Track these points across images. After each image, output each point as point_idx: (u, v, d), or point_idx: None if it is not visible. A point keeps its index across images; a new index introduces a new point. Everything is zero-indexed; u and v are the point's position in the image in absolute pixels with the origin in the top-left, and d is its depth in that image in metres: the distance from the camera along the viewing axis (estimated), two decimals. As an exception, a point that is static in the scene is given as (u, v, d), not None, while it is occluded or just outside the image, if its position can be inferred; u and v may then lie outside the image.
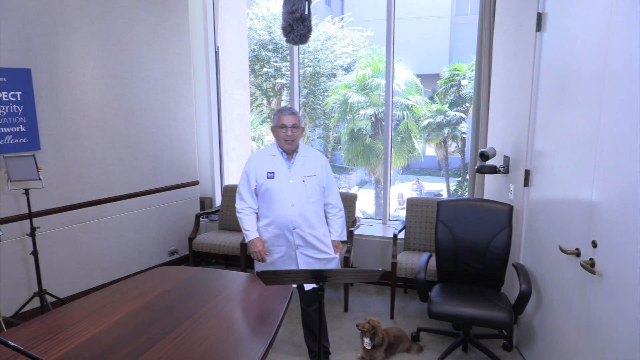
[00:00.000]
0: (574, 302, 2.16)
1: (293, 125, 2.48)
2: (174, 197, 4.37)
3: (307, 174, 2.53)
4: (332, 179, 2.64)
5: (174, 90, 4.27)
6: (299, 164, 2.54)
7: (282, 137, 2.49)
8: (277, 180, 2.50)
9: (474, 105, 3.69)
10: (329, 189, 2.61)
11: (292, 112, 2.50)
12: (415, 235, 3.78)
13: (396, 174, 14.17)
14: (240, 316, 1.88)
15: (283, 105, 2.79)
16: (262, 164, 2.53)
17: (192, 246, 4.14)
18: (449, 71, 12.34)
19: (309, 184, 2.52)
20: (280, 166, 2.52)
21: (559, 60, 2.40)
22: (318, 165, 2.58)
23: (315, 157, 2.60)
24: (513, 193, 2.99)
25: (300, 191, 2.50)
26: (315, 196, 2.55)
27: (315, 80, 12.46)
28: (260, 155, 2.58)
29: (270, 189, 2.50)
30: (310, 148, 2.63)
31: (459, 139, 12.98)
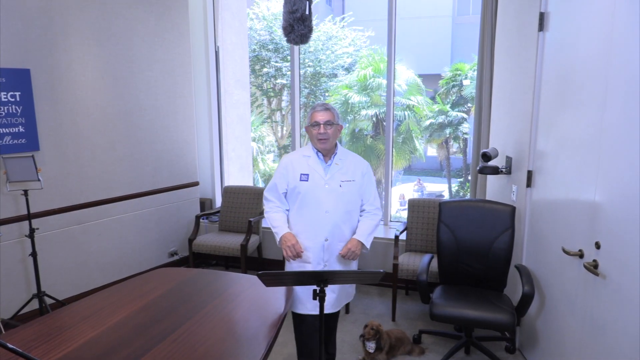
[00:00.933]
0: (577, 304, 2.16)
1: (326, 122, 2.24)
2: (174, 198, 4.37)
3: (345, 179, 2.29)
4: (374, 188, 2.38)
5: (174, 90, 4.28)
6: (337, 167, 2.30)
7: (315, 136, 2.26)
8: (312, 183, 2.26)
9: (475, 105, 3.68)
10: (368, 195, 2.36)
11: (326, 107, 2.27)
12: (417, 236, 3.77)
13: (397, 174, 14.17)
14: (240, 318, 1.88)
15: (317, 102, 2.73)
16: (296, 166, 2.31)
17: (192, 247, 4.14)
18: (451, 71, 12.34)
19: (347, 190, 2.28)
20: (316, 168, 2.29)
21: (561, 60, 2.39)
22: (358, 170, 2.33)
23: (355, 161, 2.36)
24: (515, 194, 2.99)
25: (336, 197, 2.26)
26: (352, 205, 2.30)
27: (316, 80, 12.47)
28: (295, 156, 2.36)
29: (302, 192, 2.26)
30: (350, 152, 2.40)
31: (460, 140, 12.97)
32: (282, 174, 2.33)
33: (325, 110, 2.26)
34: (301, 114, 4.89)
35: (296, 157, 2.35)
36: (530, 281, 2.62)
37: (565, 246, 2.22)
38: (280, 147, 12.99)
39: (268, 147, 12.77)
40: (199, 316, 1.87)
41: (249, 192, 4.41)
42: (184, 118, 4.40)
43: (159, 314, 1.89)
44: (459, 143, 13.23)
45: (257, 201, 4.37)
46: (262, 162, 12.09)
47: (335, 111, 2.28)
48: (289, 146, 12.36)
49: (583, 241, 2.08)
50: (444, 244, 2.99)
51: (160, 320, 1.84)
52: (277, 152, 13.33)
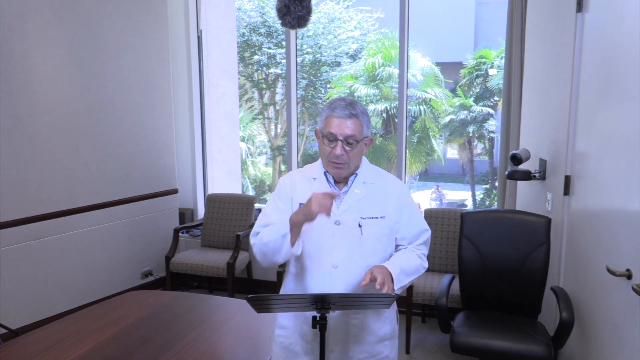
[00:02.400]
0: (624, 333, 2.15)
1: (348, 139, 1.75)
2: (149, 208, 4.38)
3: (369, 214, 1.82)
4: (420, 222, 1.94)
5: (150, 82, 4.29)
6: (357, 196, 1.84)
7: (326, 154, 1.79)
8: (314, 220, 1.73)
9: (503, 99, 3.70)
10: (409, 233, 1.90)
11: (352, 112, 1.76)
12: (435, 253, 3.77)
13: (412, 180, 14.17)
14: (227, 349, 1.88)
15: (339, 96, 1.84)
16: (298, 192, 1.86)
17: (170, 266, 4.14)
18: (474, 59, 12.38)
19: (371, 231, 1.81)
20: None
21: (604, 45, 2.40)
22: (391, 198, 1.87)
23: (387, 184, 1.90)
24: (551, 203, 2.99)
25: (351, 243, 1.80)
26: (379, 254, 1.82)
27: (316, 69, 12.51)
28: (297, 176, 1.92)
29: (302, 233, 1.76)
30: (379, 169, 1.95)
31: (486, 139, 12.99)
32: (277, 203, 1.88)
33: (350, 117, 1.75)
34: (298, 110, 4.91)
35: (298, 177, 1.90)
36: (569, 306, 2.61)
37: (611, 265, 2.22)
38: (274, 148, 13.02)
39: (260, 148, 12.79)
40: (178, 348, 1.87)
41: (237, 201, 4.41)
42: (161, 114, 4.41)
43: (131, 346, 1.89)
44: (484, 143, 13.24)
45: (247, 211, 4.37)
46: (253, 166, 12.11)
47: (365, 118, 1.80)
48: (284, 147, 12.38)
49: (631, 259, 2.08)
50: (467, 263, 2.99)
51: (134, 352, 1.84)
52: (271, 154, 13.35)
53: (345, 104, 1.77)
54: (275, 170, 12.99)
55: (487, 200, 12.78)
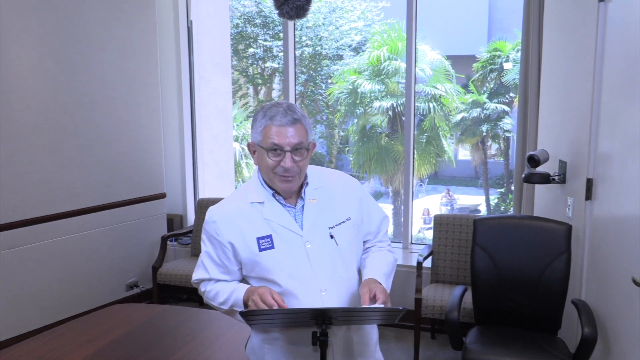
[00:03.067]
0: (652, 351, 2.14)
1: (296, 146, 1.70)
2: (134, 214, 4.37)
3: (336, 220, 1.80)
4: (378, 213, 1.96)
5: (135, 77, 4.30)
6: (315, 205, 1.80)
7: (271, 169, 1.72)
8: (281, 249, 1.74)
9: (519, 95, 3.70)
10: (372, 226, 1.93)
11: (294, 117, 1.70)
12: (446, 263, 3.77)
13: (420, 184, 14.17)
14: (219, 369, 1.87)
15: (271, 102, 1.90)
16: (243, 226, 1.76)
17: (157, 277, 4.13)
18: (488, 52, 12.39)
19: (344, 237, 1.80)
20: (280, 220, 1.76)
21: (629, 37, 2.40)
22: (349, 195, 1.87)
23: (337, 182, 1.88)
24: (571, 208, 2.98)
25: (330, 258, 1.77)
26: (356, 259, 1.86)
27: (316, 63, 12.53)
28: (233, 207, 1.80)
29: (272, 270, 1.73)
30: (321, 168, 1.93)
31: (501, 139, 12.99)
32: (217, 247, 1.77)
33: (294, 123, 1.69)
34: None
35: (235, 207, 1.79)
36: (591, 321, 2.61)
37: (637, 276, 2.21)
38: (271, 149, 13.01)
39: (255, 149, 12.77)
40: (165, 367, 1.86)
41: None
42: (147, 112, 4.41)
43: (114, 364, 1.88)
44: (499, 143, 13.23)
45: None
46: (247, 168, 12.10)
47: (307, 121, 1.75)
48: (281, 147, 12.39)
49: (659, 269, 2.08)
50: (481, 273, 2.98)
51: (116, 371, 1.83)
52: (267, 155, 13.34)
53: (283, 110, 1.69)
54: (272, 172, 12.98)
55: (502, 206, 12.77)
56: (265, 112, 1.70)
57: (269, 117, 1.69)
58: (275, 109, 1.69)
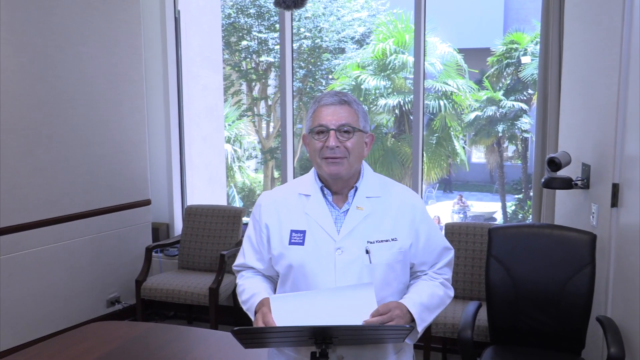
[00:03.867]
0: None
1: (342, 127, 1.76)
2: (116, 222, 4.37)
3: (378, 237, 1.80)
4: (437, 236, 1.93)
5: (118, 72, 4.30)
6: (360, 214, 1.81)
7: (317, 152, 1.78)
8: (310, 248, 1.78)
9: (539, 92, 3.70)
10: (428, 256, 1.90)
11: (342, 99, 1.80)
12: (458, 276, 3.76)
13: (430, 189, 14.18)
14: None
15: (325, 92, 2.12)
16: (284, 214, 1.85)
17: (141, 292, 4.12)
18: (504, 44, 12.42)
19: (381, 257, 1.79)
20: (319, 217, 1.81)
21: (657, 30, 2.41)
22: (403, 214, 1.85)
23: (396, 196, 1.88)
24: (596, 216, 2.98)
25: (358, 273, 1.77)
26: (392, 285, 1.82)
27: (316, 57, 12.55)
28: (281, 193, 1.92)
29: (295, 266, 1.79)
30: (385, 179, 1.95)
31: (518, 140, 13.01)
32: (257, 229, 1.90)
33: (340, 103, 1.79)
34: (294, 105, 4.92)
35: (284, 195, 1.90)
36: (618, 340, 2.60)
37: (667, 290, 2.21)
38: (266, 151, 13.03)
39: (248, 151, 12.80)
40: (149, 390, 1.86)
41: (222, 214, 4.41)
42: (130, 111, 4.41)
43: (94, 388, 1.88)
44: (517, 145, 13.26)
45: (233, 227, 4.36)
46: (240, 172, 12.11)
47: (360, 107, 1.83)
48: (277, 149, 12.39)
49: (692, 283, 2.08)
50: (496, 288, 2.98)
51: (96, 396, 1.83)
52: (261, 157, 13.36)
53: (334, 93, 1.83)
54: (267, 177, 12.99)
55: (520, 213, 12.77)
56: (315, 99, 1.84)
57: (317, 101, 1.82)
58: (324, 93, 1.84)
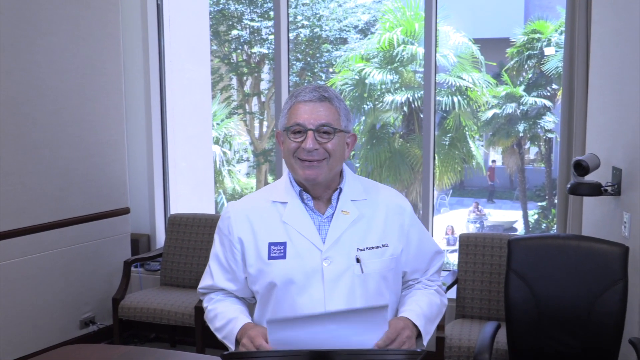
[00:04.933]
0: None
1: (321, 127, 1.75)
2: (91, 233, 4.36)
3: (368, 243, 1.83)
4: (427, 240, 1.99)
5: (93, 65, 4.30)
6: (346, 219, 1.83)
7: (291, 153, 1.78)
8: (293, 261, 1.80)
9: (564, 87, 3.70)
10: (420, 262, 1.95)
11: (322, 94, 1.78)
12: (474, 293, 3.76)
13: (443, 196, 14.17)
14: None
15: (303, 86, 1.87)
16: (257, 225, 1.86)
17: (119, 312, 4.11)
18: (525, 34, 12.42)
19: (372, 265, 1.82)
20: (300, 226, 1.83)
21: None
22: (392, 218, 1.89)
23: (382, 198, 1.91)
24: (628, 226, 2.98)
25: (349, 285, 1.79)
26: (384, 296, 1.86)
27: (315, 48, 12.56)
28: (252, 204, 1.92)
29: (278, 284, 1.80)
30: (367, 181, 1.99)
31: (541, 141, 13.00)
32: (226, 246, 1.90)
33: (320, 100, 1.77)
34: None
35: (255, 205, 1.90)
36: (654, 365, 2.60)
37: None
38: (258, 153, 13.02)
39: (239, 154, 12.79)
40: (128, 422, 1.85)
41: (209, 224, 4.40)
42: (107, 108, 4.41)
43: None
44: (539, 146, 13.24)
45: (222, 238, 4.36)
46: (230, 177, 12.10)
47: (342, 104, 1.82)
48: (271, 151, 12.38)
49: None
50: (517, 306, 2.97)
51: None
52: (254, 160, 13.35)
53: (312, 87, 1.81)
54: (260, 182, 12.98)
55: (544, 223, 12.76)
56: (292, 93, 1.83)
57: (294, 96, 1.81)
58: (302, 88, 1.82)
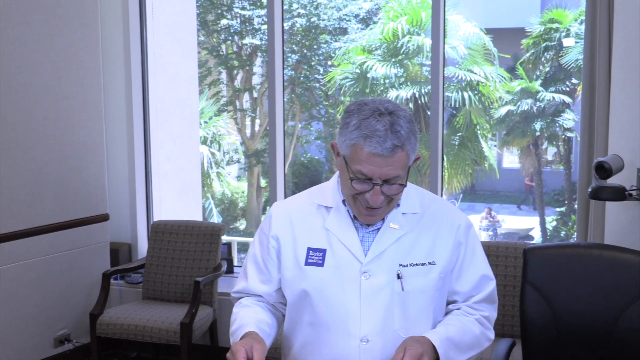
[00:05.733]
0: None
1: (390, 181, 1.71)
2: (66, 242, 4.35)
3: (412, 260, 1.84)
4: (478, 260, 1.98)
5: (68, 58, 4.29)
6: (393, 233, 1.85)
7: (351, 194, 1.77)
8: (331, 270, 1.83)
9: (584, 82, 3.70)
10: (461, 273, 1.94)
11: (396, 143, 1.67)
12: (487, 308, 3.76)
13: (452, 200, 14.18)
14: None
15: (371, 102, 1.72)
16: (300, 228, 1.90)
17: (97, 329, 4.10)
18: (542, 23, 12.45)
19: (415, 284, 1.83)
20: (342, 234, 1.85)
21: None
22: (445, 234, 1.89)
23: (438, 213, 1.93)
24: (655, 234, 2.98)
25: (387, 303, 1.81)
26: (428, 318, 1.86)
27: (312, 39, 12.56)
28: (296, 205, 1.97)
29: (311, 292, 1.84)
30: (424, 192, 1.98)
31: (560, 141, 13.02)
32: (264, 244, 1.94)
33: (393, 151, 1.67)
34: (285, 98, 4.91)
35: (299, 206, 1.95)
36: (683, 386, 2.60)
37: None
38: (250, 154, 13.01)
39: (229, 155, 12.78)
40: None
41: (196, 232, 4.39)
42: (83, 105, 4.41)
43: None
44: (558, 147, 13.27)
45: (210, 247, 4.35)
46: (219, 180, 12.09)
47: (413, 138, 1.73)
48: (264, 152, 12.38)
49: None
50: (533, 322, 2.97)
51: None
52: (245, 162, 13.34)
53: (384, 129, 1.66)
54: (252, 186, 12.97)
55: (563, 230, 12.77)
56: (360, 122, 1.69)
57: (363, 134, 1.67)
58: (374, 123, 1.67)
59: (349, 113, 1.73)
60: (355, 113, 1.71)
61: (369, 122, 1.67)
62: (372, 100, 1.74)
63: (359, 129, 1.68)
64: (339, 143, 1.76)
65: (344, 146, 1.73)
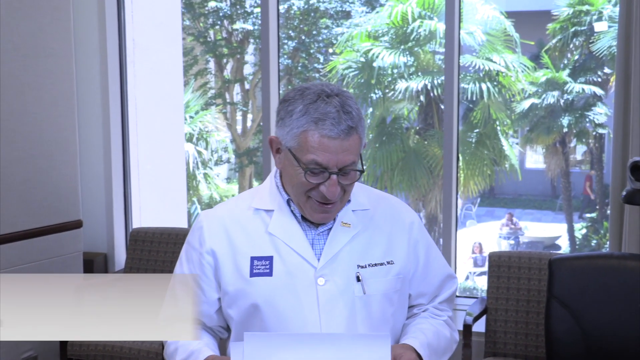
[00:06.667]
0: None
1: (345, 168, 1.74)
2: (35, 252, 4.36)
3: (370, 260, 1.87)
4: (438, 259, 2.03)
5: (37, 45, 4.30)
6: (346, 232, 1.87)
7: (303, 191, 1.78)
8: (281, 279, 1.83)
9: (618, 72, 3.70)
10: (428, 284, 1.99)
11: (349, 124, 1.71)
12: (507, 325, 3.76)
13: (469, 205, 14.18)
14: None
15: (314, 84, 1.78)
16: (238, 237, 1.88)
17: (68, 350, 4.11)
18: (570, 6, 12.44)
19: (376, 285, 1.87)
20: (291, 239, 1.86)
21: None
22: (399, 232, 1.95)
23: (388, 209, 1.98)
24: (697, 243, 2.99)
25: (349, 309, 1.84)
26: (388, 321, 1.91)
27: (311, 24, 12.58)
28: (229, 212, 1.95)
29: (261, 305, 1.83)
30: (371, 189, 2.04)
31: (590, 138, 13.02)
32: (194, 261, 1.91)
33: (347, 134, 1.71)
34: (281, 89, 4.92)
35: (233, 213, 1.93)
36: None
37: None
38: (241, 153, 13.03)
39: (218, 153, 12.79)
40: None
41: (180, 241, 4.38)
42: (54, 98, 4.41)
43: None
44: (589, 145, 13.26)
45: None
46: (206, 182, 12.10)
47: (362, 123, 1.76)
48: (257, 150, 12.40)
49: None
50: (560, 341, 2.98)
51: None
52: (236, 162, 13.35)
53: (336, 110, 1.70)
54: (243, 188, 12.98)
55: (594, 239, 12.76)
56: (307, 107, 1.71)
57: (313, 118, 1.70)
58: (324, 106, 1.70)
59: (289, 101, 1.75)
60: (298, 99, 1.73)
61: (318, 105, 1.71)
62: (313, 84, 1.77)
63: (307, 114, 1.70)
64: (280, 136, 1.77)
65: (289, 137, 1.74)
